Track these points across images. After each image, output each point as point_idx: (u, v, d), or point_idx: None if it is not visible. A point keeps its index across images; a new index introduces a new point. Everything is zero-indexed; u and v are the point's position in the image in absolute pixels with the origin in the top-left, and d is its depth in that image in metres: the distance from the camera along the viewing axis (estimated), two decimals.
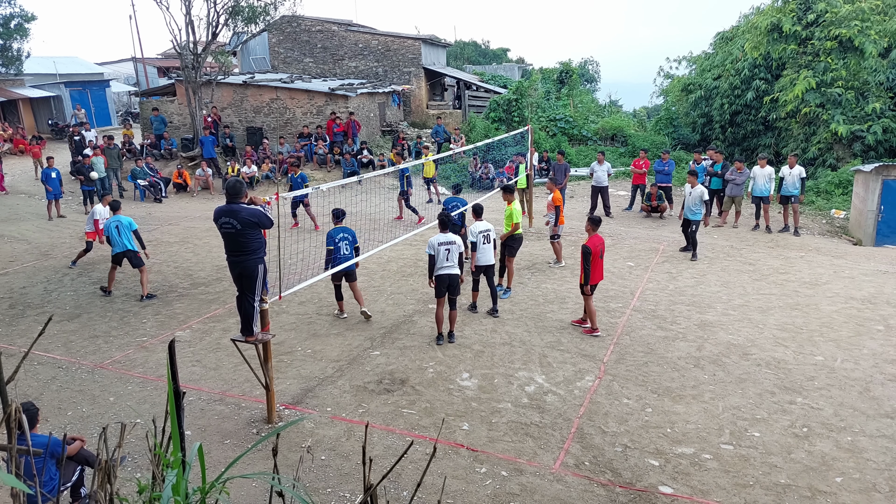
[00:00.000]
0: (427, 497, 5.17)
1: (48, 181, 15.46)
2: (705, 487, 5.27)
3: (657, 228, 14.43)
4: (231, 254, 6.07)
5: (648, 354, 7.81)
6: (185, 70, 20.14)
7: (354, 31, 27.30)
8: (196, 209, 17.31)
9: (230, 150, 21.52)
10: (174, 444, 2.02)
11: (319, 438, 6.04)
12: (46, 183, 15.51)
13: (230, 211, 5.92)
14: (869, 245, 14.05)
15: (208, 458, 5.53)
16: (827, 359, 7.60)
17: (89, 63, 37.42)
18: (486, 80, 29.72)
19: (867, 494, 5.13)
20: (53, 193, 15.58)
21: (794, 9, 21.10)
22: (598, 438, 6.01)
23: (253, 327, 6.19)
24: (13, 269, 11.88)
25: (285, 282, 7.36)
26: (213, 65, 25.09)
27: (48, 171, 15.48)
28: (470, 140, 22.01)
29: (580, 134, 25.35)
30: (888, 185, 14.18)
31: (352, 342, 8.35)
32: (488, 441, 5.98)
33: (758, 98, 23.01)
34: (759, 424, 6.19)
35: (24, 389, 6.86)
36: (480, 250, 8.91)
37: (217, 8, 19.95)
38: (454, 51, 38.20)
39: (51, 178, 15.45)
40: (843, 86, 19.55)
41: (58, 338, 8.56)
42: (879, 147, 19.03)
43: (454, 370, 7.42)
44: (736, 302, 9.56)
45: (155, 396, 6.94)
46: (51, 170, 15.47)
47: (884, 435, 5.97)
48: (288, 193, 7.98)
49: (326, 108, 21.84)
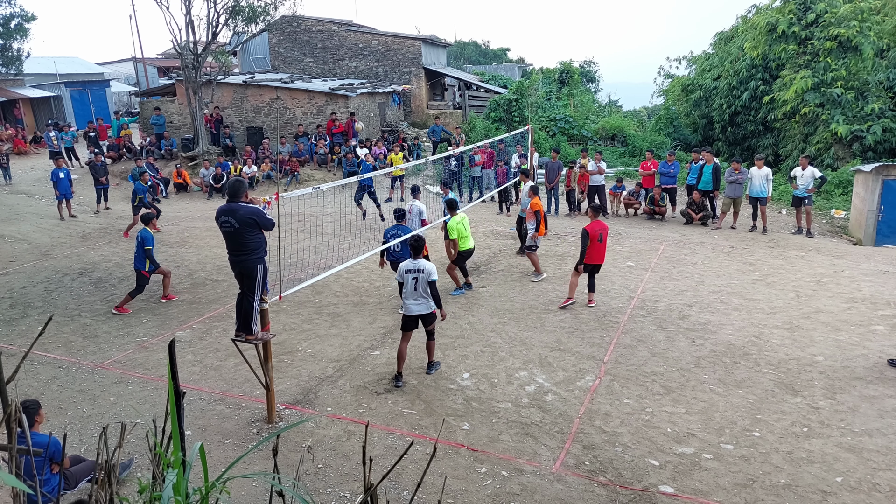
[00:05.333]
0: (427, 497, 5.17)
1: (58, 182, 15.37)
2: (705, 487, 5.27)
3: (657, 228, 14.43)
4: (232, 253, 6.12)
5: (648, 354, 7.81)
6: (186, 70, 20.14)
7: (354, 31, 27.31)
8: (196, 209, 17.32)
9: (230, 149, 21.54)
10: (174, 444, 2.02)
11: (319, 438, 6.04)
12: (56, 184, 15.39)
13: (229, 210, 5.96)
14: (869, 245, 14.06)
15: (209, 457, 5.52)
16: (827, 358, 7.60)
17: (89, 63, 37.45)
18: (486, 80, 29.74)
19: (867, 494, 5.13)
20: (63, 194, 15.46)
21: (793, 9, 21.11)
22: (598, 438, 6.01)
23: (253, 327, 6.20)
24: (13, 269, 11.88)
25: (285, 281, 7.36)
26: (214, 65, 25.12)
27: (57, 171, 15.37)
28: (470, 140, 22.01)
29: (580, 134, 25.36)
30: (888, 185, 14.19)
31: (352, 342, 8.35)
32: (488, 441, 5.98)
33: (756, 98, 23.02)
34: (759, 424, 6.18)
35: (24, 389, 6.86)
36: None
37: (217, 8, 19.95)
38: (454, 51, 38.24)
39: (60, 178, 15.36)
40: (842, 86, 19.56)
41: (58, 338, 8.56)
42: (879, 147, 19.04)
43: (454, 370, 7.42)
44: (736, 302, 9.56)
45: (155, 396, 6.94)
46: (60, 170, 15.37)
47: (884, 435, 5.97)
48: (288, 194, 7.97)
49: (326, 108, 21.84)
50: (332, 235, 13.05)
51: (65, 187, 15.46)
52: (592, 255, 9.09)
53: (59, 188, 15.39)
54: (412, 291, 6.97)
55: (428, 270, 6.96)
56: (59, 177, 15.34)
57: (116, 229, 14.69)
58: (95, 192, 16.98)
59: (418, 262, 7.04)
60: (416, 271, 6.96)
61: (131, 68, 37.81)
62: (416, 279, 6.93)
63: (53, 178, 15.46)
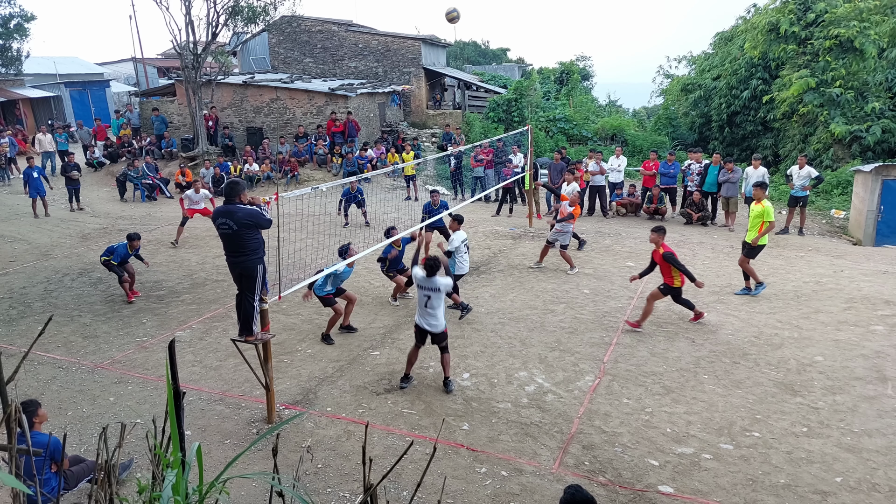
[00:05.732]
0: (427, 497, 5.17)
1: (30, 180, 15.51)
2: (705, 487, 5.27)
3: None
4: (230, 254, 6.09)
5: (648, 354, 7.81)
6: (185, 70, 20.14)
7: (354, 32, 27.30)
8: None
9: (230, 149, 21.53)
10: (174, 444, 2.02)
11: (319, 438, 6.04)
12: (28, 182, 15.54)
13: (227, 212, 5.94)
14: (869, 245, 14.06)
15: (208, 457, 5.53)
16: (827, 358, 7.60)
17: (89, 63, 37.42)
18: (485, 81, 29.72)
19: (867, 494, 5.13)
20: (36, 191, 15.61)
21: (793, 9, 21.12)
22: (597, 438, 6.01)
23: (253, 327, 6.20)
24: (13, 269, 11.88)
25: (285, 281, 7.35)
26: (213, 65, 25.10)
27: (29, 170, 15.49)
28: (469, 140, 22.02)
29: (580, 134, 25.37)
30: (888, 185, 14.19)
31: (352, 342, 8.35)
32: (488, 441, 5.98)
33: (755, 98, 23.01)
34: (759, 424, 6.19)
35: (24, 389, 6.85)
36: (462, 259, 9.16)
37: (217, 8, 19.94)
38: (454, 51, 38.17)
39: (32, 177, 15.50)
40: (842, 86, 19.56)
41: (58, 338, 8.56)
42: (878, 147, 19.05)
43: (454, 370, 7.42)
44: (735, 302, 9.56)
45: (155, 396, 6.94)
46: (32, 169, 15.50)
47: (884, 435, 5.97)
48: (288, 194, 7.96)
49: (326, 108, 21.84)
50: (332, 235, 13.04)
51: (37, 185, 15.57)
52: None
53: (31, 186, 15.51)
54: (423, 308, 6.84)
55: (443, 288, 6.80)
56: (31, 175, 15.46)
57: (117, 230, 14.69)
58: (67, 192, 16.91)
59: (434, 279, 6.78)
60: (429, 289, 6.78)
61: (131, 68, 37.76)
62: (427, 297, 6.78)
63: (25, 177, 15.59)
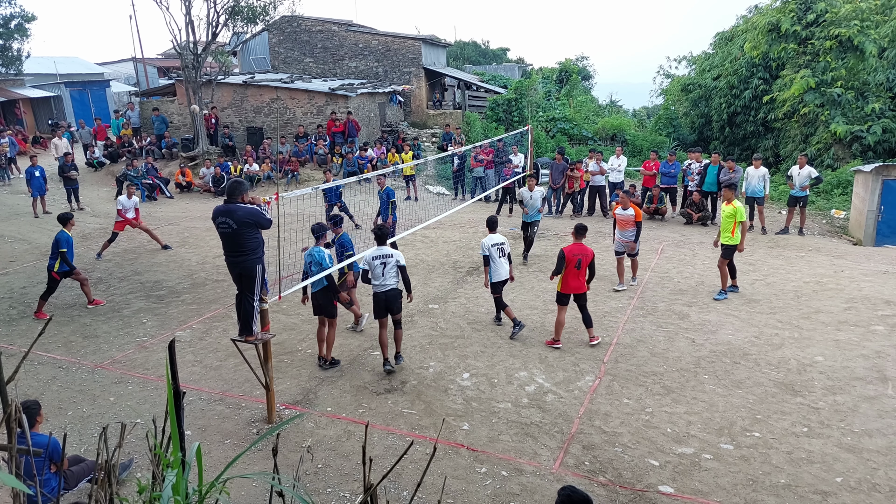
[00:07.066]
0: (427, 497, 5.17)
1: (31, 179, 15.62)
2: (705, 487, 5.27)
3: (657, 229, 14.43)
4: (229, 254, 6.08)
5: (648, 354, 7.81)
6: (185, 70, 20.15)
7: (354, 32, 27.30)
8: (196, 209, 17.31)
9: (230, 149, 21.54)
10: (174, 444, 2.02)
11: (319, 438, 6.04)
12: (30, 181, 15.65)
13: (227, 211, 5.93)
14: (869, 245, 14.05)
15: (209, 457, 5.53)
16: (827, 359, 7.60)
17: (89, 63, 37.43)
18: (485, 80, 29.73)
19: (867, 494, 5.13)
20: (38, 191, 15.72)
21: (793, 9, 21.11)
22: (598, 438, 6.01)
23: (253, 327, 6.19)
24: (13, 269, 11.88)
25: (285, 281, 7.36)
26: (213, 65, 25.11)
27: (32, 169, 15.59)
28: (469, 140, 22.02)
29: (580, 134, 25.37)
30: (888, 185, 14.18)
31: (352, 342, 8.35)
32: (488, 441, 5.98)
33: (756, 98, 23.00)
34: (759, 424, 6.18)
35: (24, 389, 6.85)
36: (496, 264, 8.39)
37: (217, 8, 19.95)
38: (454, 51, 38.20)
39: (34, 176, 15.60)
40: (842, 86, 19.55)
41: (58, 338, 8.56)
42: (878, 147, 19.04)
43: (454, 370, 7.42)
44: (736, 302, 9.56)
45: (155, 396, 6.94)
46: (34, 168, 15.60)
47: (884, 435, 5.97)
48: (288, 194, 7.96)
49: (326, 108, 21.84)
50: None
51: (38, 184, 15.69)
52: (570, 282, 7.85)
53: (33, 185, 15.63)
54: (379, 276, 7.18)
55: (396, 256, 7.24)
56: (33, 174, 15.57)
57: None
58: (66, 192, 16.90)
59: (383, 248, 7.24)
60: (383, 257, 7.19)
61: (131, 68, 37.77)
62: (383, 264, 7.18)
63: (27, 176, 15.70)
